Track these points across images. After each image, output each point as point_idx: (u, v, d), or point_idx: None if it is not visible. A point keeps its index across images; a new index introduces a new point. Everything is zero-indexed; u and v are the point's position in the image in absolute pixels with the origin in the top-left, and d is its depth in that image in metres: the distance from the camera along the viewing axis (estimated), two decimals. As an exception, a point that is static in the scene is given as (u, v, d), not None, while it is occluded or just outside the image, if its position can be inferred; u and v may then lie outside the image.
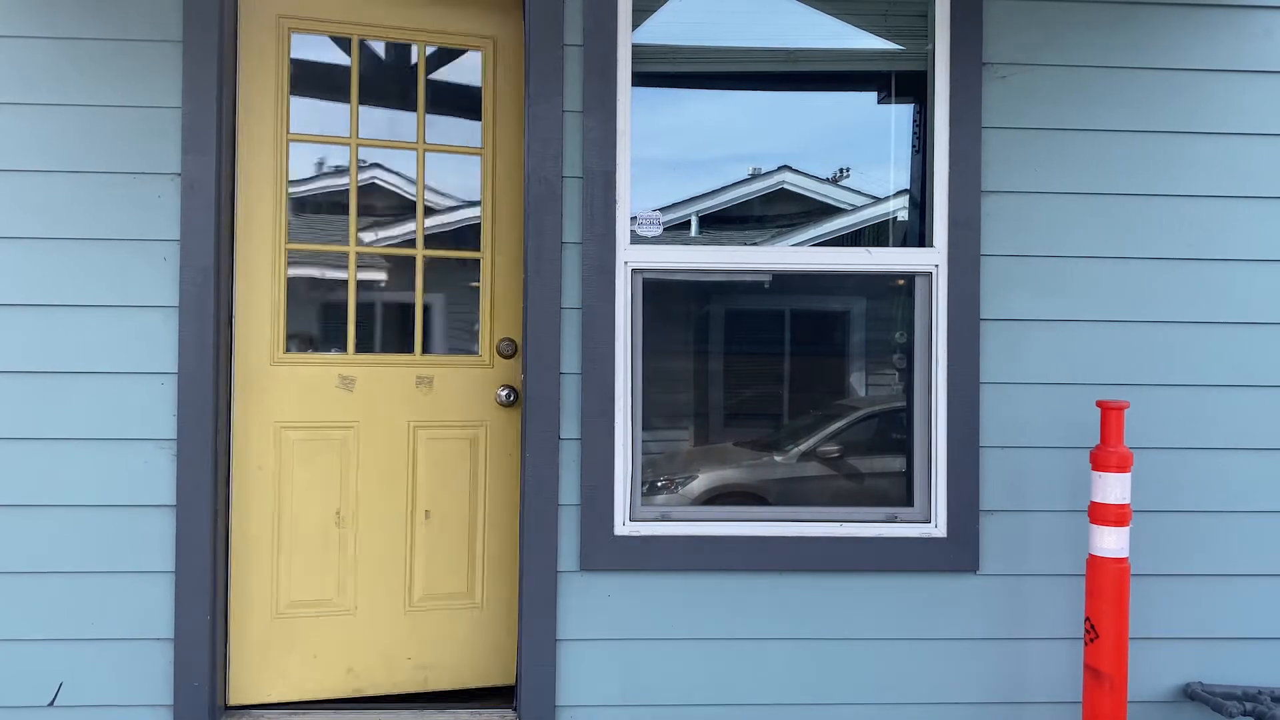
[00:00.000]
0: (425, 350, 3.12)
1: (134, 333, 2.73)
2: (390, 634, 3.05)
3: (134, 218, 2.73)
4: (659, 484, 3.20)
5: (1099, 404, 2.60)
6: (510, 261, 3.14)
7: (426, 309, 3.14)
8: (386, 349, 3.10)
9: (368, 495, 3.03)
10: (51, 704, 2.71)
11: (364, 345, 3.07)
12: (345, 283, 3.05)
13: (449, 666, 3.11)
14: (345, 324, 3.04)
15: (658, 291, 2.89)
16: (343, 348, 3.04)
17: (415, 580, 3.07)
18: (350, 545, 3.02)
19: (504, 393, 3.09)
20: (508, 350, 3.13)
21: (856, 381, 3.38)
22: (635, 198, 2.84)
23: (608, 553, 2.78)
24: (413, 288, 3.11)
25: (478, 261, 3.14)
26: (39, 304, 2.71)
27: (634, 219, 2.85)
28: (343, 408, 3.02)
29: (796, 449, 3.33)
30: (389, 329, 3.13)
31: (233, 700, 2.89)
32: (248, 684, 2.92)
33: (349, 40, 3.04)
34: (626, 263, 2.81)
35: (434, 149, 3.12)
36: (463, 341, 3.17)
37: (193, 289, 2.72)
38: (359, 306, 3.07)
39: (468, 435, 3.12)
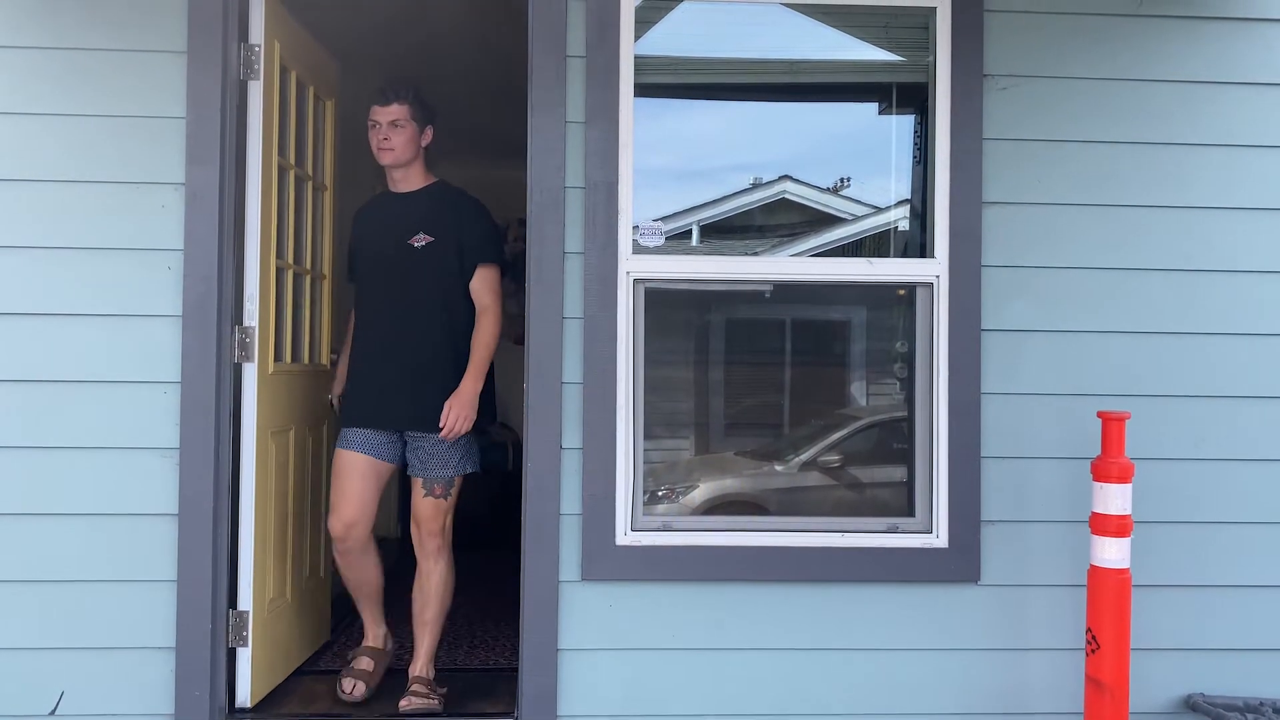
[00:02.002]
0: (310, 360, 3.49)
1: (137, 342, 2.73)
2: (296, 613, 3.34)
3: (137, 227, 2.74)
4: (660, 493, 3.20)
5: (1100, 415, 2.61)
6: (327, 284, 3.62)
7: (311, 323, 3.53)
8: (299, 359, 3.40)
9: (295, 490, 3.31)
10: (53, 713, 2.71)
11: (294, 356, 3.34)
12: (286, 298, 3.26)
13: (310, 634, 3.50)
14: (283, 335, 3.23)
15: (659, 301, 2.89)
16: (285, 358, 3.24)
17: (304, 562, 3.41)
18: (290, 540, 3.27)
19: (331, 395, 3.49)
20: (331, 360, 3.61)
21: (857, 391, 3.39)
22: (637, 207, 2.84)
23: (609, 562, 2.78)
24: (305, 305, 3.46)
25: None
26: (42, 313, 2.72)
27: (636, 229, 2.85)
28: (294, 412, 3.28)
29: (798, 459, 3.33)
30: (300, 340, 3.41)
31: (252, 701, 2.95)
32: (257, 683, 2.98)
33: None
34: (628, 273, 2.81)
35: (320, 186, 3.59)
36: (316, 352, 3.56)
37: (195, 298, 2.73)
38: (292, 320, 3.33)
39: (322, 430, 3.57)
